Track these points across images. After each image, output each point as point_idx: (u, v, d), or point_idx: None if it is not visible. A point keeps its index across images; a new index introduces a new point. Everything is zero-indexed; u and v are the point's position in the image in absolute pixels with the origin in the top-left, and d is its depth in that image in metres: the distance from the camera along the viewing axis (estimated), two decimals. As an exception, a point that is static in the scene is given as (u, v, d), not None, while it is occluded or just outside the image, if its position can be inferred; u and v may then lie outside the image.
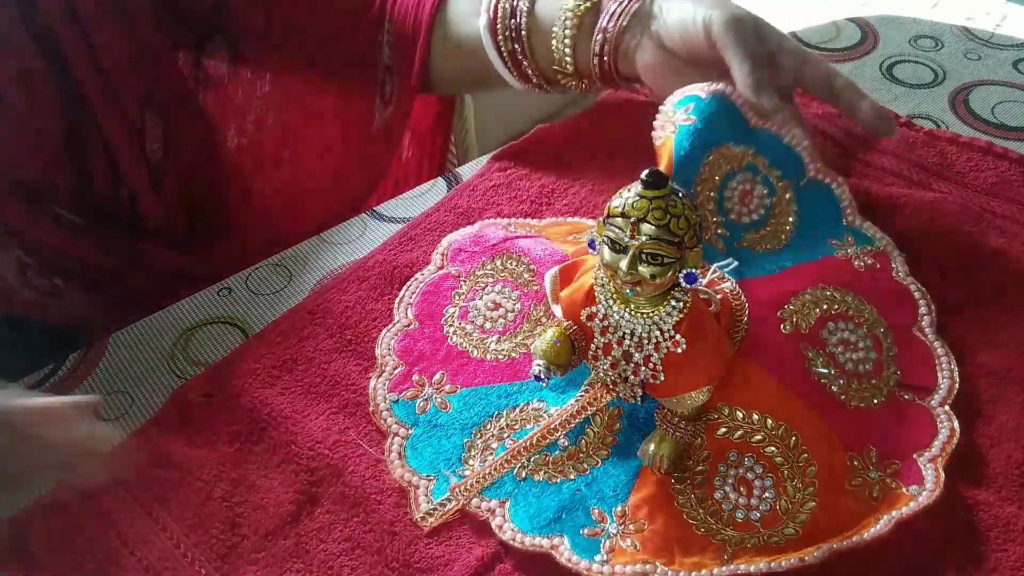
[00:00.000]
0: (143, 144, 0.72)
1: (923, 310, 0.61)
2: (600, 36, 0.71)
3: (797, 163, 0.65)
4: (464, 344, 0.60)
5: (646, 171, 0.44)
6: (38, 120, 0.68)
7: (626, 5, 0.69)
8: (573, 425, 0.54)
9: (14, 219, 0.69)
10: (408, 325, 0.62)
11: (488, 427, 0.55)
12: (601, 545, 0.49)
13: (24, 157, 0.68)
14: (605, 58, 0.71)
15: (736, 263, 0.56)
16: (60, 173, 0.70)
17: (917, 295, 0.62)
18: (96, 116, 0.69)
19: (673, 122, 0.60)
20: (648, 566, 0.47)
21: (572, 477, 0.52)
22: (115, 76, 0.70)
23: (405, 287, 0.65)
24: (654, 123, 0.63)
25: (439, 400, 0.57)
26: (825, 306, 0.57)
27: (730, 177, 0.61)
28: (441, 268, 0.66)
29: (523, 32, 0.74)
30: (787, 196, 0.63)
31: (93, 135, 0.70)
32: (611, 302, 0.48)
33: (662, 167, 0.59)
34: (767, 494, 0.50)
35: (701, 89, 0.62)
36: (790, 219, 0.63)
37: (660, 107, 0.64)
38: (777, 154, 0.64)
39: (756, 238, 0.61)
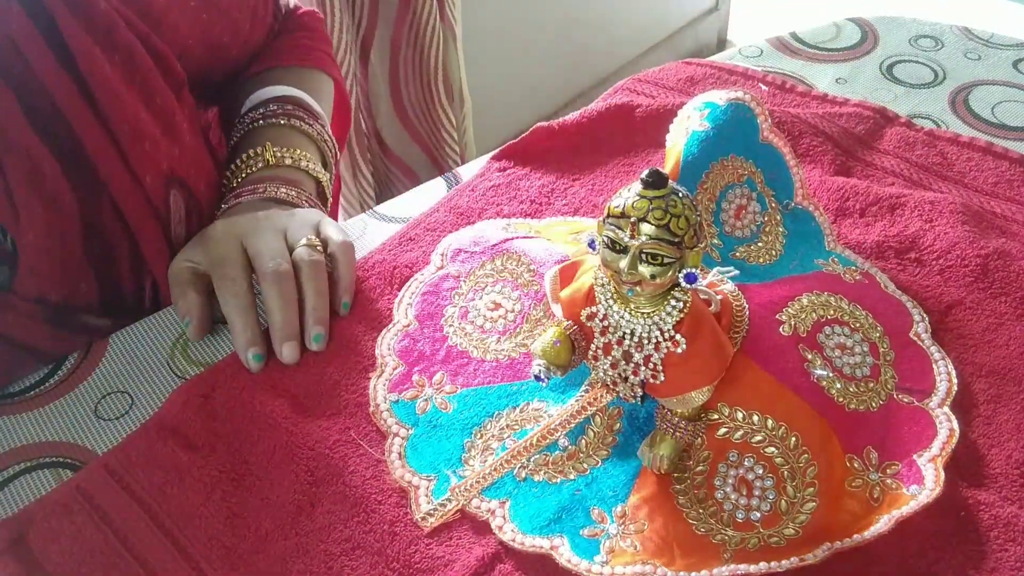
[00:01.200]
0: (167, 229, 0.68)
1: (916, 318, 0.61)
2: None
3: (788, 186, 0.65)
4: (464, 344, 0.60)
5: (646, 171, 0.44)
6: (58, 229, 0.62)
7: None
8: (573, 425, 0.54)
9: (44, 343, 0.63)
10: (408, 325, 0.62)
11: (488, 427, 0.55)
12: (601, 546, 0.49)
13: (49, 273, 0.63)
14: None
15: (736, 271, 0.57)
16: (84, 280, 0.65)
17: (909, 305, 0.62)
18: (118, 205, 0.64)
19: (687, 127, 0.61)
20: (648, 566, 0.47)
21: (572, 477, 0.52)
22: (136, 156, 0.64)
23: (405, 287, 0.65)
24: (670, 125, 0.63)
25: (439, 400, 0.57)
26: (821, 311, 0.57)
27: (729, 189, 0.61)
28: (441, 268, 0.66)
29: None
30: (777, 217, 0.64)
31: (113, 229, 0.65)
32: (611, 302, 0.48)
33: (668, 168, 0.59)
34: (767, 494, 0.50)
35: (720, 96, 0.62)
36: (780, 239, 0.63)
37: (679, 110, 0.64)
38: (774, 174, 0.64)
39: (748, 252, 0.62)
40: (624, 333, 0.48)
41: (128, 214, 0.65)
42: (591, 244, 0.47)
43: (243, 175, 0.71)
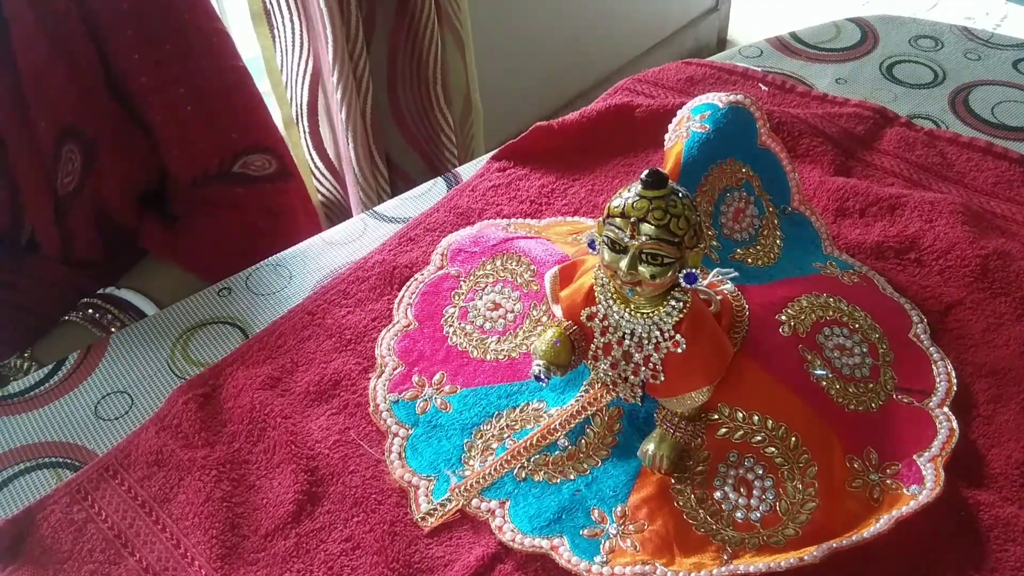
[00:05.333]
0: (52, 177, 0.69)
1: (915, 319, 0.61)
2: None
3: (784, 191, 0.65)
4: (464, 344, 0.60)
5: (646, 171, 0.44)
6: None
7: None
8: (573, 425, 0.54)
9: None
10: (408, 325, 0.62)
11: (488, 427, 0.55)
12: (601, 546, 0.49)
13: None
14: None
15: (737, 273, 0.57)
16: None
17: (907, 307, 0.62)
18: (6, 149, 0.66)
19: (687, 128, 0.61)
20: (648, 566, 0.47)
21: (572, 477, 0.52)
22: (36, 108, 0.65)
23: (405, 287, 0.65)
24: (669, 125, 0.63)
25: (439, 400, 0.57)
26: (821, 312, 0.57)
27: (727, 192, 0.61)
28: (441, 268, 0.66)
29: None
30: (775, 221, 0.64)
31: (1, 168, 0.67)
32: (611, 302, 0.48)
33: (667, 169, 0.59)
34: (767, 494, 0.50)
35: (719, 98, 0.62)
36: (777, 242, 0.63)
37: (678, 111, 0.64)
38: (771, 178, 0.64)
39: (746, 254, 0.62)
40: (624, 333, 0.48)
41: (13, 154, 0.66)
42: (591, 244, 0.47)
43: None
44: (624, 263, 0.45)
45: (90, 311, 0.71)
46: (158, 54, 0.70)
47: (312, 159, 1.26)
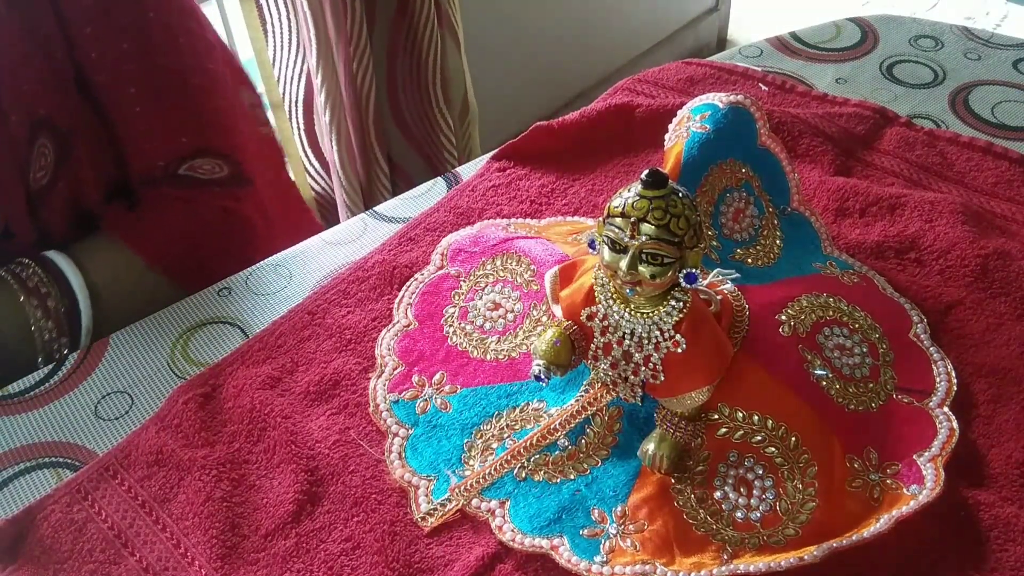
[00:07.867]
0: (25, 170, 0.68)
1: (915, 319, 0.61)
2: None
3: (784, 191, 0.65)
4: (464, 344, 0.60)
5: (646, 171, 0.44)
6: None
7: None
8: (573, 425, 0.54)
9: None
10: (408, 325, 0.62)
11: (488, 427, 0.55)
12: (601, 545, 0.49)
13: None
14: None
15: (738, 274, 0.57)
16: None
17: (907, 307, 0.62)
18: None
19: (687, 127, 0.61)
20: (648, 566, 0.47)
21: (572, 477, 0.52)
22: (7, 100, 0.65)
23: (405, 287, 0.65)
24: (669, 125, 0.63)
25: (439, 400, 0.57)
26: (821, 312, 0.57)
27: (727, 192, 0.61)
28: (441, 268, 0.66)
29: None
30: (775, 222, 0.64)
31: None
32: (611, 302, 0.48)
33: (667, 169, 0.59)
34: (767, 494, 0.50)
35: (719, 98, 0.62)
36: (777, 242, 0.63)
37: (678, 111, 0.64)
38: (771, 178, 0.65)
39: (746, 254, 0.62)
40: (624, 333, 0.48)
41: None
42: (591, 244, 0.47)
43: None
44: (624, 263, 0.45)
45: (16, 268, 0.70)
46: (114, 52, 0.69)
47: (306, 155, 1.26)
